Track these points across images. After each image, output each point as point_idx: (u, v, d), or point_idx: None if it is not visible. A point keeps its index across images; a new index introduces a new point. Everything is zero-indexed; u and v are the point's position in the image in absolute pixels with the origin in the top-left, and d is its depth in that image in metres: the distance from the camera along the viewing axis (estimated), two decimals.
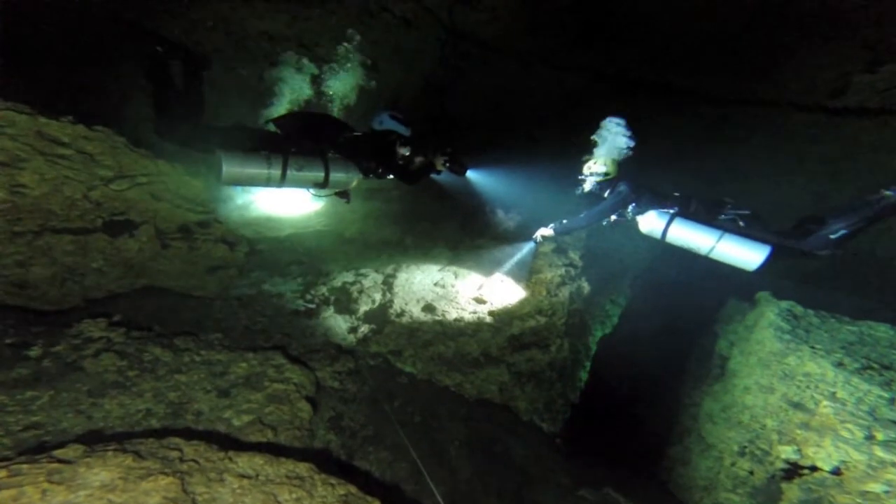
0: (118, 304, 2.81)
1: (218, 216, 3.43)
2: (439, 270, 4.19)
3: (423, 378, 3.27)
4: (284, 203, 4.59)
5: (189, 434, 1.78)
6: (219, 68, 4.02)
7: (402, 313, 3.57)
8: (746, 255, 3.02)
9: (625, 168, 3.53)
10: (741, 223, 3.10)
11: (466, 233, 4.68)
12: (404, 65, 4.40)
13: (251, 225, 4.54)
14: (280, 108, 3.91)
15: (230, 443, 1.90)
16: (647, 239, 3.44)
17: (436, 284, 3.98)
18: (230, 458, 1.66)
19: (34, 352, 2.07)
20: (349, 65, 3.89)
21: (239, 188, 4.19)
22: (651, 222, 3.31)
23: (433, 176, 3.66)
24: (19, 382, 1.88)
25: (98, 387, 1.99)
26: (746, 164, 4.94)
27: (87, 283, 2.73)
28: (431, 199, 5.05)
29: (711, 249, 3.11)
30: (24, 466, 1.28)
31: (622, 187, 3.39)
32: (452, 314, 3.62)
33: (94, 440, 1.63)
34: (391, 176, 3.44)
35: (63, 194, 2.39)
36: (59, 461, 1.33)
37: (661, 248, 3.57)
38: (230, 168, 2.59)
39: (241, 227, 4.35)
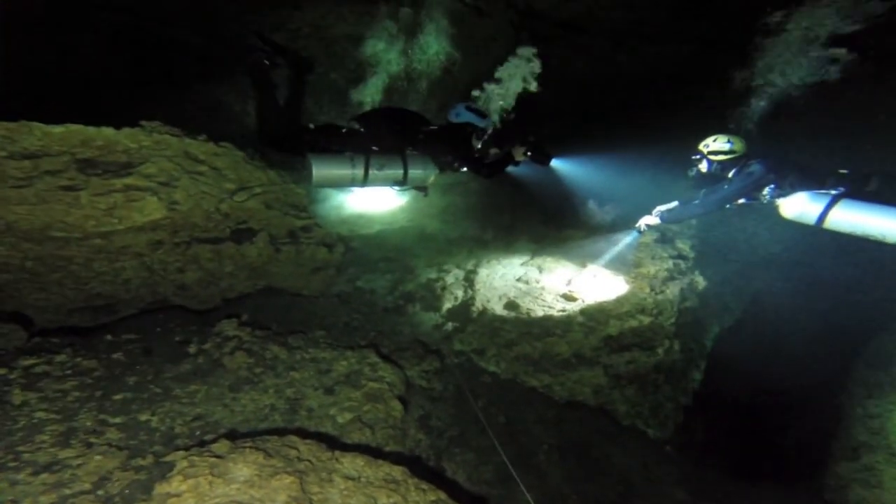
0: (246, 304, 3.34)
1: (318, 220, 3.79)
2: (522, 265, 4.05)
3: (507, 378, 3.25)
4: (373, 200, 4.88)
5: (303, 433, 2.05)
6: (314, 74, 4.35)
7: (483, 311, 3.56)
8: None
9: (754, 145, 2.89)
10: None
11: (551, 226, 4.40)
12: (479, 54, 4.19)
13: (345, 223, 4.94)
14: (372, 86, 4.06)
15: (336, 442, 2.14)
16: (785, 225, 2.82)
17: (518, 280, 3.86)
18: (336, 459, 1.87)
19: (192, 348, 2.58)
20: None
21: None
22: (801, 205, 2.74)
23: (514, 167, 3.48)
24: (187, 376, 2.37)
25: (235, 382, 2.40)
26: None
27: (222, 286, 3.29)
28: (513, 190, 4.85)
29: None
30: (196, 458, 1.62)
31: (755, 167, 2.83)
32: (538, 312, 3.49)
33: (236, 435, 1.98)
34: (468, 169, 3.37)
35: (202, 208, 2.85)
36: (216, 456, 1.65)
37: (807, 236, 2.89)
38: (319, 171, 2.77)
39: (337, 226, 4.77)
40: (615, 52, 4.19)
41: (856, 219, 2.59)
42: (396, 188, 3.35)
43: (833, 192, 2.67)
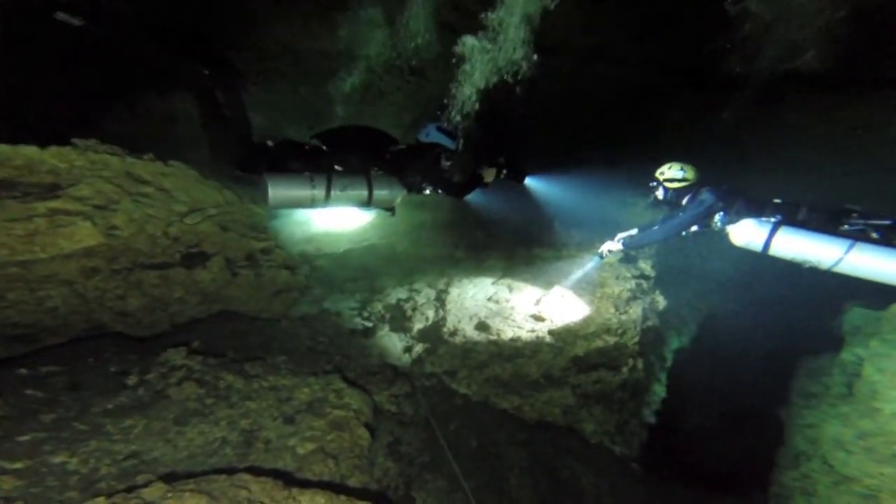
0: (198, 329, 3.08)
1: (279, 242, 3.63)
2: (493, 284, 4.06)
3: (478, 400, 3.17)
4: (340, 217, 4.76)
5: (256, 470, 1.87)
6: (284, 90, 4.28)
7: (455, 332, 3.51)
8: (893, 266, 2.52)
9: (705, 173, 3.11)
10: (875, 234, 2.58)
11: (521, 244, 4.48)
12: (451, 71, 4.32)
13: (311, 241, 4.78)
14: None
15: (294, 478, 1.96)
16: (733, 250, 3.01)
17: (489, 300, 3.85)
18: (294, 498, 1.71)
19: (131, 380, 2.32)
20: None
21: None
22: (748, 233, 2.89)
23: (485, 185, 3.53)
24: (121, 410, 2.11)
25: (182, 415, 2.17)
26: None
27: (171, 311, 3.03)
28: (484, 207, 4.93)
29: (838, 262, 2.65)
30: None
31: (706, 195, 3.00)
32: (508, 333, 3.48)
33: (177, 475, 1.77)
34: (437, 191, 3.38)
35: (147, 233, 2.64)
36: (145, 503, 1.45)
37: (753, 261, 3.11)
38: (276, 192, 2.66)
39: (302, 244, 4.60)
40: (583, 70, 4.41)
41: (793, 246, 2.78)
42: (361, 209, 3.29)
43: (773, 219, 2.85)
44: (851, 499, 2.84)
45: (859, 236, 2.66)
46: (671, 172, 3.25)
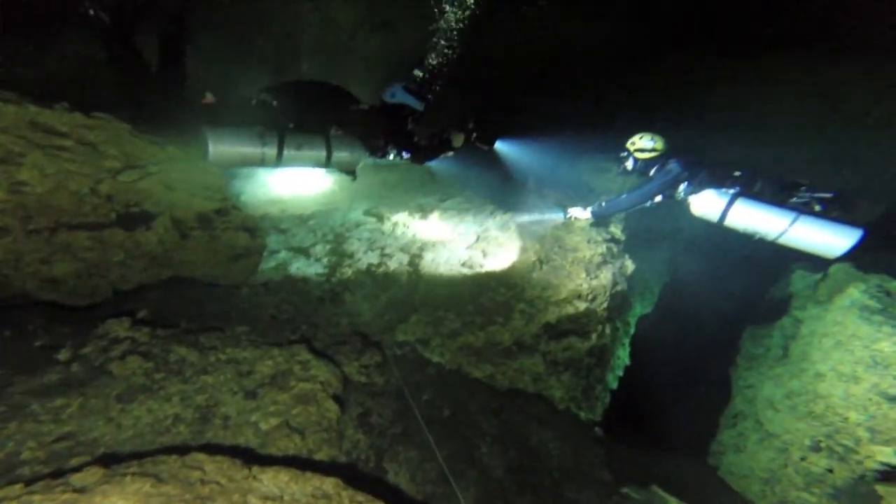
0: (147, 297, 2.80)
1: (237, 202, 3.30)
2: (467, 248, 3.95)
3: (451, 369, 3.15)
4: (307, 178, 4.42)
5: (213, 448, 1.73)
6: (240, 40, 3.73)
7: (427, 299, 3.41)
8: (829, 239, 2.63)
9: (674, 144, 3.08)
10: (818, 206, 2.64)
11: (496, 206, 4.34)
12: (425, 19, 3.92)
13: (275, 203, 4.42)
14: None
15: (255, 455, 1.85)
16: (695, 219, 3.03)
17: (463, 265, 3.75)
18: (254, 477, 1.60)
19: (63, 354, 2.07)
20: None
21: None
22: (707, 204, 2.94)
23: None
24: (50, 389, 1.88)
25: (126, 391, 1.97)
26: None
27: (112, 277, 2.72)
28: (460, 164, 4.70)
29: (782, 233, 2.74)
30: (36, 498, 1.23)
31: (672, 165, 3.00)
32: (483, 298, 3.42)
33: (119, 456, 1.60)
34: (401, 155, 3.15)
35: (68, 189, 2.28)
36: (74, 490, 1.29)
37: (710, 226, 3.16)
38: (218, 147, 2.40)
39: (265, 206, 4.25)
40: (558, 25, 4.13)
41: (744, 217, 2.86)
42: (320, 170, 3.02)
43: (731, 191, 2.89)
44: (770, 453, 3.09)
45: (803, 209, 2.73)
46: (642, 143, 3.27)
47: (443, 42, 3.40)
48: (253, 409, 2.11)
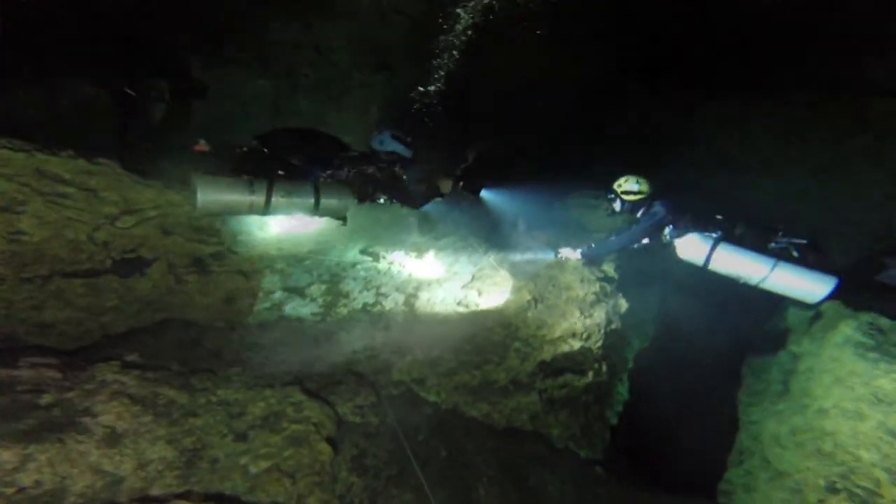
0: (139, 339, 2.76)
1: (232, 245, 3.37)
2: (462, 287, 4.00)
3: (448, 408, 3.07)
4: (302, 219, 4.51)
5: (195, 495, 1.65)
6: (242, 80, 3.99)
7: (423, 338, 3.39)
8: (807, 286, 2.76)
9: (660, 187, 3.26)
10: (794, 253, 2.80)
11: (490, 246, 4.46)
12: (420, 65, 4.23)
13: (271, 243, 4.49)
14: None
15: (241, 502, 1.76)
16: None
17: (459, 304, 3.79)
18: None
19: (46, 399, 2.00)
20: None
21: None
22: (691, 248, 3.03)
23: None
24: (29, 434, 1.80)
25: (108, 435, 1.90)
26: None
27: (104, 321, 2.70)
28: (451, 209, 4.87)
29: (764, 279, 2.84)
30: None
31: (657, 208, 3.14)
32: (480, 337, 3.41)
33: None
34: (393, 200, 3.27)
35: (66, 237, 2.31)
36: None
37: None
38: (206, 196, 2.38)
39: (263, 245, 4.31)
40: (547, 57, 4.33)
41: (728, 262, 2.94)
42: (309, 217, 3.09)
43: (714, 235, 2.99)
44: (783, 493, 2.94)
45: (782, 255, 2.85)
46: (627, 185, 3.38)
47: (431, 89, 3.65)
48: (243, 451, 2.03)
